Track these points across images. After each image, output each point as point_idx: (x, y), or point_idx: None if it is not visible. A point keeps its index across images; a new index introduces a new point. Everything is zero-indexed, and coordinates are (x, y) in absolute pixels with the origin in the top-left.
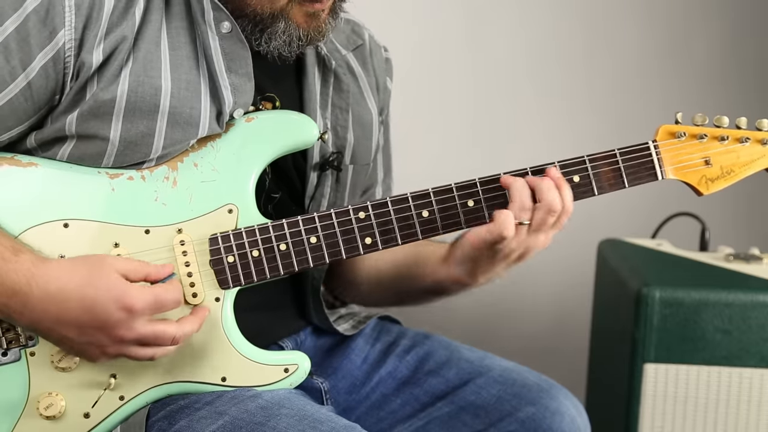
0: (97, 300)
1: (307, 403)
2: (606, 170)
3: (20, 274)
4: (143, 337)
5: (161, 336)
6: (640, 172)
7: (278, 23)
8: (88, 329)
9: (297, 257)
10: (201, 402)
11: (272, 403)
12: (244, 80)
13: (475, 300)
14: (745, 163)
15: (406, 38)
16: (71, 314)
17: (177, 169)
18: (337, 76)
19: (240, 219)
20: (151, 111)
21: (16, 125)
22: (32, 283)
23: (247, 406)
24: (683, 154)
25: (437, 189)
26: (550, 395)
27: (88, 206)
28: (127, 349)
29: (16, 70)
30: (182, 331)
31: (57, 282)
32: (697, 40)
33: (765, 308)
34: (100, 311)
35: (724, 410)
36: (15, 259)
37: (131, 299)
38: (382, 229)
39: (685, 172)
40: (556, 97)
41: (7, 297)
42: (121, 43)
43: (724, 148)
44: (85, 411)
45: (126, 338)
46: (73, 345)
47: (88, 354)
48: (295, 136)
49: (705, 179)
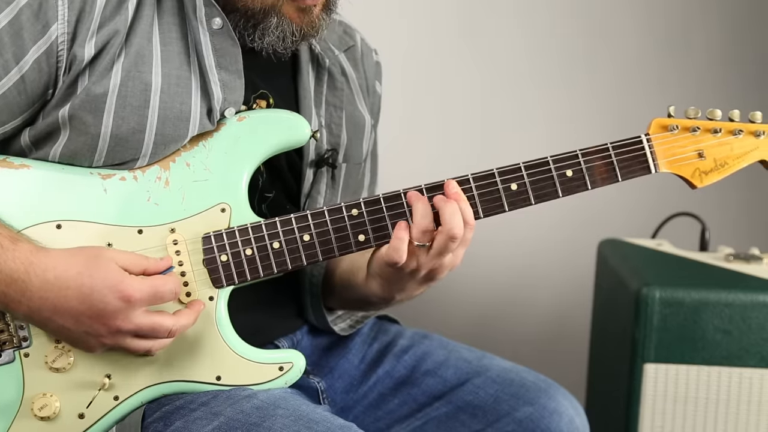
0: (94, 289)
1: (303, 403)
2: (599, 164)
3: (18, 262)
4: (140, 328)
5: (158, 327)
6: (633, 166)
7: (270, 18)
8: (85, 318)
9: (290, 255)
10: (196, 402)
11: (267, 403)
12: (234, 77)
13: (474, 299)
14: (738, 155)
15: (407, 38)
16: (69, 303)
17: (169, 168)
18: (331, 74)
19: (233, 218)
20: (142, 106)
21: (10, 120)
22: (30, 271)
23: (243, 407)
24: (676, 147)
25: (429, 185)
26: (548, 395)
27: (81, 207)
28: (124, 340)
29: (10, 63)
30: (179, 324)
31: (55, 270)
32: (696, 34)
33: (765, 308)
34: (98, 300)
35: (724, 410)
36: (13, 247)
37: (129, 289)
38: (374, 226)
39: (678, 165)
40: (557, 92)
41: (5, 285)
42: (113, 37)
43: (717, 141)
44: (79, 411)
45: (123, 328)
46: (71, 335)
47: (85, 344)
48: (288, 135)
49: (698, 172)
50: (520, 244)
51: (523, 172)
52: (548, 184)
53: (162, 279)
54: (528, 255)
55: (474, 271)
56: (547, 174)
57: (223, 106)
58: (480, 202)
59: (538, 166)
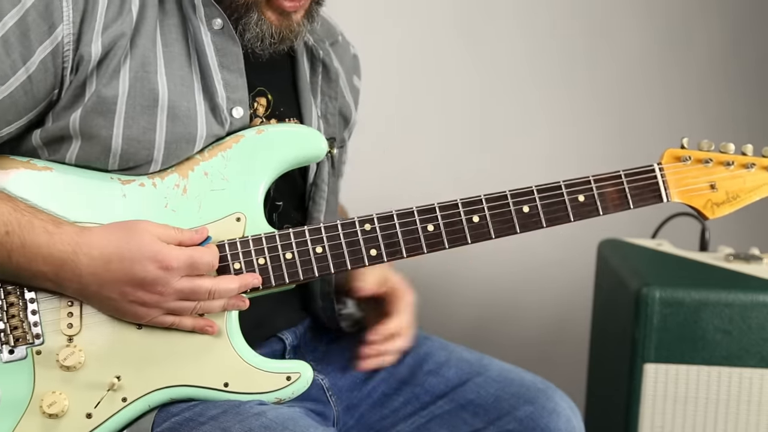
0: (134, 260)
1: (311, 425)
2: (611, 191)
3: (66, 243)
4: (181, 291)
5: (197, 289)
6: (645, 194)
7: (251, 14)
8: (129, 288)
9: (302, 266)
10: (205, 416)
11: (276, 422)
12: (236, 76)
13: (474, 300)
14: (750, 188)
15: (407, 38)
16: (114, 276)
17: (187, 177)
18: (326, 65)
19: (247, 227)
20: (151, 106)
21: (16, 119)
22: (78, 251)
23: (251, 424)
24: (688, 177)
25: (443, 204)
26: (547, 395)
27: (101, 211)
28: (168, 304)
29: (17, 63)
30: (219, 286)
31: (98, 246)
32: (697, 34)
33: (765, 308)
34: (139, 270)
35: (724, 410)
36: (58, 231)
37: (167, 257)
38: (387, 242)
39: (690, 196)
40: (557, 92)
41: (57, 267)
42: (119, 39)
43: (730, 174)
44: (87, 411)
45: (165, 293)
46: (119, 306)
47: (133, 313)
48: (305, 150)
49: (711, 203)
50: (519, 244)
51: (536, 195)
52: (560, 208)
53: (200, 250)
54: (528, 255)
55: (474, 271)
56: (559, 198)
57: (228, 105)
58: (492, 223)
59: (551, 189)
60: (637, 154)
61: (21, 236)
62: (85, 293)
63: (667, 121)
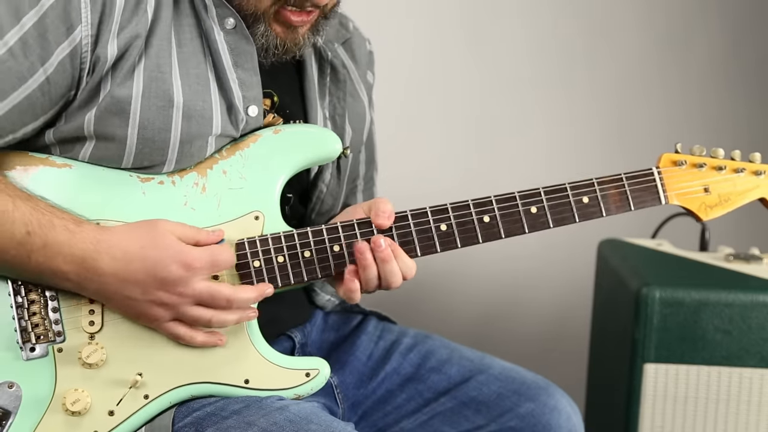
0: (157, 260)
1: (334, 420)
2: (613, 193)
3: (87, 242)
4: (200, 294)
5: (216, 294)
6: (645, 196)
7: (259, 25)
8: (150, 288)
9: (320, 264)
10: (228, 410)
11: (300, 416)
12: (250, 74)
13: (475, 299)
14: (741, 192)
15: (407, 37)
16: (136, 275)
17: (206, 175)
18: (334, 66)
19: (266, 226)
20: (166, 106)
21: (32, 120)
22: (100, 249)
23: (276, 418)
24: (684, 181)
25: (455, 204)
26: (548, 393)
27: (120, 208)
28: (185, 308)
29: (35, 65)
30: (237, 295)
31: (120, 246)
32: (696, 35)
33: (765, 308)
34: (162, 269)
35: (724, 410)
36: (79, 229)
37: (189, 257)
38: (402, 241)
39: (686, 198)
40: (556, 92)
41: (78, 265)
42: (135, 39)
43: (722, 178)
44: (109, 408)
45: (185, 293)
46: (137, 306)
47: (150, 314)
48: (320, 150)
49: (704, 206)
50: (519, 244)
51: (543, 196)
52: (566, 209)
53: (219, 248)
54: (528, 255)
55: (475, 271)
56: (564, 200)
57: (245, 103)
58: (501, 223)
59: (557, 191)
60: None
61: (42, 236)
62: (105, 293)
63: (667, 121)
